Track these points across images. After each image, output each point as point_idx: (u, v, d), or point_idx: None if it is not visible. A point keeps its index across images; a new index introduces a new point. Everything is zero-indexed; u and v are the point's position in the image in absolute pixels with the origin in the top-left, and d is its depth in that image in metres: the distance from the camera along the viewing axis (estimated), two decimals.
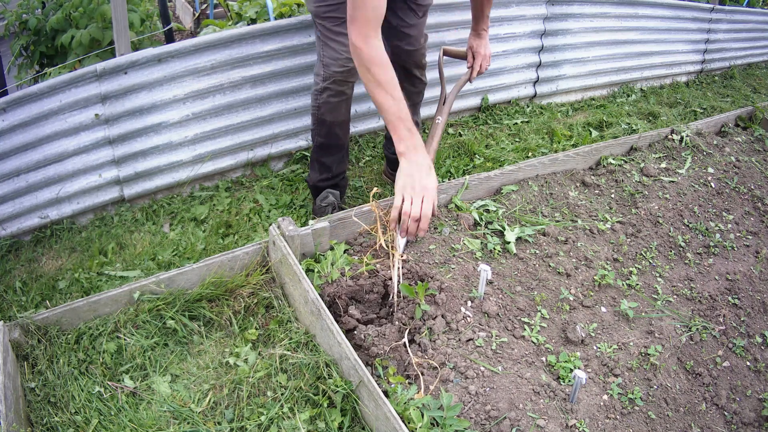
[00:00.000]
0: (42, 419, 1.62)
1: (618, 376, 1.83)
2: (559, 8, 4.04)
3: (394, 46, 2.61)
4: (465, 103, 3.94)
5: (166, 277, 1.95)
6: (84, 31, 3.62)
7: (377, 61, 1.85)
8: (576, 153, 2.76)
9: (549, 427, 1.58)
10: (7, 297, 2.41)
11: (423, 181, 1.84)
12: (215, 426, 1.60)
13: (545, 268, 2.18)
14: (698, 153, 3.03)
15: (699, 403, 1.89)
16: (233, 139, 3.11)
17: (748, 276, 2.42)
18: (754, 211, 2.81)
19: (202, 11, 5.95)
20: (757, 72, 5.75)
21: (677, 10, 4.79)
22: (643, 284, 2.25)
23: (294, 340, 1.82)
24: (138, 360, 1.80)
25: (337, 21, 2.27)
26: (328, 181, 2.73)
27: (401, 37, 2.55)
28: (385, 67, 1.86)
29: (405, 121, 1.86)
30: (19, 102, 2.58)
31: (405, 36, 2.54)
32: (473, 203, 2.42)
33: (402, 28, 2.51)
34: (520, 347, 1.83)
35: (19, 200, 2.72)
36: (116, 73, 2.71)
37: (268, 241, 2.08)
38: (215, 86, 2.95)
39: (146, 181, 2.96)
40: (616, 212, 2.57)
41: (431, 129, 2.38)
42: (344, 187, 2.87)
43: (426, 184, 1.84)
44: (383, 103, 1.86)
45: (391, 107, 1.85)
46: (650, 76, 4.90)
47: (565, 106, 4.36)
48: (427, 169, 1.86)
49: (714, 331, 2.11)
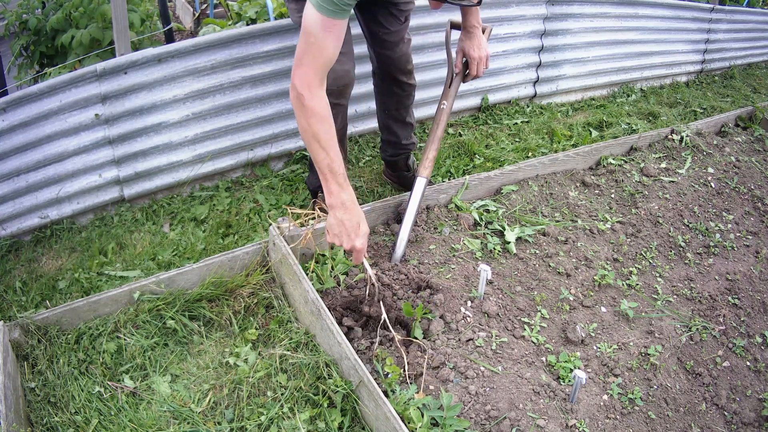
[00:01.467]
0: (42, 419, 1.62)
1: (618, 376, 1.83)
2: (559, 8, 4.03)
3: (376, 53, 2.59)
4: (465, 103, 3.93)
5: (166, 277, 1.95)
6: (84, 31, 3.61)
7: (317, 113, 1.80)
8: (576, 153, 2.76)
9: (549, 427, 1.58)
10: (7, 297, 2.41)
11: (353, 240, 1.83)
12: (215, 426, 1.60)
13: (545, 268, 2.18)
14: (698, 153, 3.03)
15: (699, 403, 1.89)
16: (233, 139, 3.11)
17: (748, 276, 2.42)
18: (754, 211, 2.81)
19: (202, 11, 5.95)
20: (757, 72, 5.75)
21: (677, 10, 4.79)
22: (643, 284, 2.25)
23: (294, 340, 1.82)
24: (138, 360, 1.80)
25: None
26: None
27: (383, 45, 2.53)
28: (324, 121, 1.81)
29: (336, 176, 1.83)
30: (19, 102, 2.58)
31: (387, 43, 2.52)
32: (473, 203, 2.42)
33: (383, 35, 2.49)
34: (520, 347, 1.83)
35: (19, 200, 2.72)
36: (116, 73, 2.71)
37: (268, 241, 2.08)
38: (215, 86, 2.95)
39: (146, 181, 2.96)
40: (616, 212, 2.57)
41: (436, 115, 2.32)
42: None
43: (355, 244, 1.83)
44: (316, 155, 1.84)
45: (323, 160, 1.82)
46: (650, 76, 4.90)
47: (565, 106, 4.36)
48: (355, 227, 1.84)
49: (714, 331, 2.11)
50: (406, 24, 2.52)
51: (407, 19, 2.52)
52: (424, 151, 2.28)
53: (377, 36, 2.50)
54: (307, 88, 1.78)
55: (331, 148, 1.83)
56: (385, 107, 2.81)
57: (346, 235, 1.83)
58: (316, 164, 1.86)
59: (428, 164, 2.25)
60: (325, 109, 1.82)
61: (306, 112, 1.80)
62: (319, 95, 1.80)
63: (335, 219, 1.84)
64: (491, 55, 3.88)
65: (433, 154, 2.28)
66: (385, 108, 2.81)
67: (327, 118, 1.83)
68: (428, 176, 2.23)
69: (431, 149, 2.28)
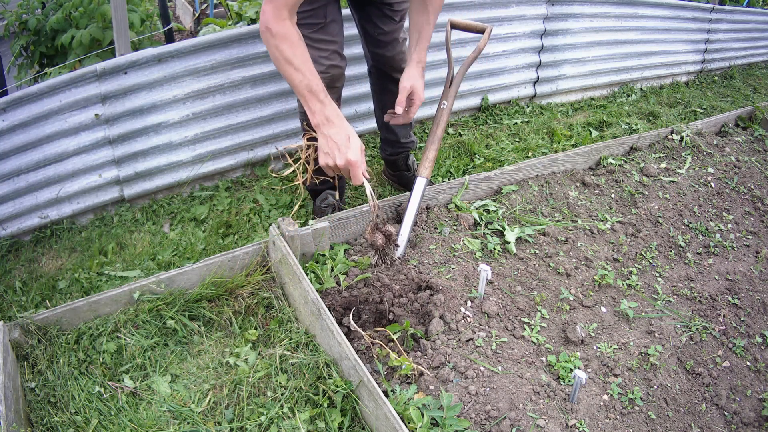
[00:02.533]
0: (42, 419, 1.61)
1: (618, 376, 1.83)
2: (559, 8, 4.04)
3: (371, 52, 2.59)
4: (465, 103, 3.93)
5: (166, 277, 1.95)
6: (84, 31, 3.62)
7: (288, 37, 1.78)
8: (576, 153, 2.76)
9: (549, 427, 1.58)
10: (7, 297, 2.41)
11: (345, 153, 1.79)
12: (215, 426, 1.60)
13: (545, 268, 2.18)
14: (698, 153, 3.03)
15: (699, 403, 1.89)
16: (233, 139, 3.11)
17: (748, 276, 2.42)
18: (754, 211, 2.81)
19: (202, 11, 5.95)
20: (757, 72, 5.75)
21: (677, 10, 4.79)
22: (643, 284, 2.25)
23: (294, 340, 1.82)
24: (138, 360, 1.80)
25: (314, 27, 2.24)
26: (327, 183, 2.73)
27: (377, 44, 2.52)
28: (295, 44, 1.80)
29: (316, 93, 1.81)
30: (19, 102, 2.58)
31: (381, 42, 2.51)
32: (473, 203, 2.42)
33: (378, 35, 2.49)
34: (520, 347, 1.83)
35: (19, 200, 2.72)
36: (116, 73, 2.71)
37: (268, 241, 2.08)
38: (215, 86, 2.95)
39: (146, 181, 2.96)
40: (616, 212, 2.57)
41: (436, 114, 2.32)
42: (343, 187, 2.87)
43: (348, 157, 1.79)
44: (292, 78, 1.81)
45: (301, 81, 1.80)
46: (650, 76, 4.90)
47: (565, 106, 4.36)
48: (345, 140, 1.80)
49: (714, 331, 2.11)
50: (401, 24, 2.51)
51: (402, 19, 2.51)
52: (424, 151, 2.27)
53: (371, 35, 2.50)
54: (276, 20, 1.76)
55: (306, 69, 1.80)
56: (383, 105, 2.79)
57: (337, 150, 1.79)
58: (294, 88, 1.84)
59: (428, 164, 2.24)
60: (296, 35, 1.81)
61: (276, 38, 1.78)
62: (289, 24, 1.79)
63: (323, 137, 1.81)
64: (491, 55, 3.89)
65: (433, 154, 2.28)
66: (383, 106, 2.79)
67: (299, 43, 1.81)
68: (428, 176, 2.23)
69: (431, 149, 2.28)
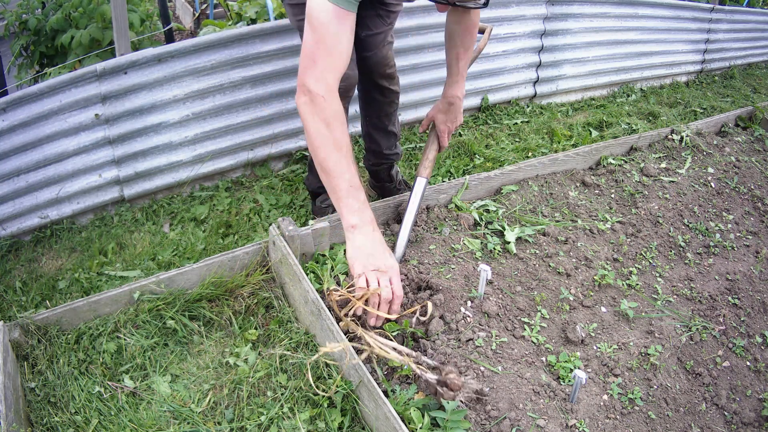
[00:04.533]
0: (42, 419, 1.61)
1: (618, 376, 1.83)
2: (559, 8, 4.04)
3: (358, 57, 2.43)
4: (465, 103, 3.91)
5: (166, 277, 1.95)
6: (84, 31, 3.62)
7: (340, 117, 1.56)
8: (576, 153, 2.76)
9: (549, 427, 1.58)
10: (7, 297, 2.41)
11: (386, 260, 1.62)
12: (215, 426, 1.60)
13: (545, 268, 2.18)
14: (698, 153, 3.03)
15: (699, 403, 1.89)
16: (233, 139, 3.12)
17: (748, 276, 2.42)
18: (754, 211, 2.81)
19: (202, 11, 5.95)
20: (757, 72, 5.75)
21: (677, 10, 4.80)
22: (643, 284, 2.25)
23: (294, 340, 1.82)
24: (138, 360, 1.80)
25: None
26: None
27: (363, 46, 2.39)
28: (345, 126, 1.59)
29: (358, 191, 1.62)
30: (19, 102, 2.58)
31: (367, 44, 2.39)
32: (473, 203, 2.42)
33: (366, 36, 2.36)
34: (520, 347, 1.83)
35: (19, 200, 2.72)
36: (116, 73, 2.71)
37: (268, 241, 2.08)
38: (215, 86, 2.95)
39: (146, 181, 2.96)
40: (616, 212, 2.57)
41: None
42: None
43: (390, 264, 1.62)
44: (335, 167, 1.57)
45: (344, 173, 1.58)
46: (650, 76, 4.91)
47: (565, 106, 4.36)
48: (385, 246, 1.64)
49: (714, 331, 2.11)
50: (391, 26, 2.43)
51: (392, 22, 2.43)
52: (424, 152, 2.28)
53: (358, 37, 2.35)
54: (325, 88, 1.54)
55: (351, 159, 1.59)
56: (366, 114, 2.68)
57: (382, 273, 1.57)
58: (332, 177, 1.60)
59: (428, 164, 2.24)
60: (343, 115, 1.60)
61: (326, 115, 1.55)
62: (337, 98, 1.58)
63: (365, 252, 1.59)
64: (491, 54, 3.89)
65: (433, 155, 2.28)
66: (366, 115, 2.68)
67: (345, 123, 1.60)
68: (428, 176, 2.23)
69: (431, 149, 2.28)
